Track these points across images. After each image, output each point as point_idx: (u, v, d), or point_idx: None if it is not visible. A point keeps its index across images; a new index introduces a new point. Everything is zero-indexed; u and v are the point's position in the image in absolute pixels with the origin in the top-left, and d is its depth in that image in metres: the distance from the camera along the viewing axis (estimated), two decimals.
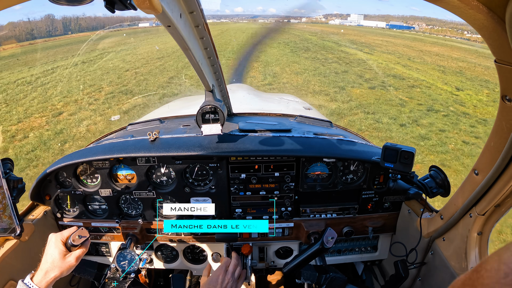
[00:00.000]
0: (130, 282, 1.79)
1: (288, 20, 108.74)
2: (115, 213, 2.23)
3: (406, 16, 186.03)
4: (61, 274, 1.48)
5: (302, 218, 2.26)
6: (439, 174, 1.90)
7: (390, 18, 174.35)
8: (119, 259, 1.84)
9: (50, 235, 1.57)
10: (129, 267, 1.81)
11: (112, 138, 2.32)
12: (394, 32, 72.00)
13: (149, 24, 77.15)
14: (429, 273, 1.98)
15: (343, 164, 2.12)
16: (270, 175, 2.12)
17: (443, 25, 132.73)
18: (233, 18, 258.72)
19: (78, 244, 1.54)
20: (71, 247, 1.54)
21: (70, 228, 1.59)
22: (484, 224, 1.60)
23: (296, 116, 2.75)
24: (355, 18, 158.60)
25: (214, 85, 1.95)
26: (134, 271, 1.81)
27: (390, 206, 2.28)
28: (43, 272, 1.44)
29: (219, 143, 2.04)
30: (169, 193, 2.16)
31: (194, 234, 2.29)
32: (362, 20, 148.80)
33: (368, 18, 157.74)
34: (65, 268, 1.49)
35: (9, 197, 1.64)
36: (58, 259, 1.48)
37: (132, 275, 1.80)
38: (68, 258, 1.51)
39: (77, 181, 2.15)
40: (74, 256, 1.52)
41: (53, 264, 1.47)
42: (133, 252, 1.87)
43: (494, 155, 1.41)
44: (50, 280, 1.43)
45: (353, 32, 59.60)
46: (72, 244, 1.53)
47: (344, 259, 2.48)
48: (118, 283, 1.77)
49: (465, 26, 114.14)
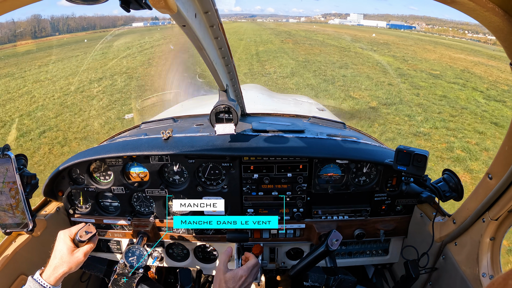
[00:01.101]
0: (139, 278, 1.80)
1: (286, 19, 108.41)
2: (127, 211, 2.24)
3: (405, 16, 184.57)
4: (70, 270, 1.49)
5: (313, 220, 2.26)
6: (452, 177, 1.89)
7: (389, 18, 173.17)
8: (128, 255, 1.85)
9: (59, 232, 1.58)
10: (138, 263, 1.82)
11: (126, 136, 2.34)
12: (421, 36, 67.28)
13: (143, 24, 76.29)
14: (440, 278, 1.97)
15: (356, 166, 2.12)
16: (282, 176, 2.12)
17: (443, 25, 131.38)
18: (232, 17, 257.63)
19: (85, 239, 1.55)
20: (79, 243, 1.56)
21: (79, 224, 1.61)
22: (497, 229, 1.58)
23: (309, 117, 2.75)
24: (354, 17, 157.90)
25: (228, 85, 1.96)
26: (142, 267, 1.82)
27: (402, 209, 2.26)
28: (52, 268, 1.46)
29: (232, 143, 2.04)
30: (181, 192, 2.16)
31: (204, 231, 2.29)
32: (362, 19, 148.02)
33: (368, 18, 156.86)
34: (73, 264, 1.50)
35: (22, 192, 1.67)
36: (66, 254, 1.50)
37: (140, 271, 1.81)
38: (76, 254, 1.52)
39: (90, 178, 2.16)
40: (82, 252, 1.54)
41: (62, 260, 1.48)
42: (142, 248, 1.88)
43: (508, 159, 1.40)
44: (59, 275, 1.45)
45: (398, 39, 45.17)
46: (79, 240, 1.54)
47: (355, 262, 2.47)
48: (127, 279, 1.79)
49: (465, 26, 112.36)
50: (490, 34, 1.09)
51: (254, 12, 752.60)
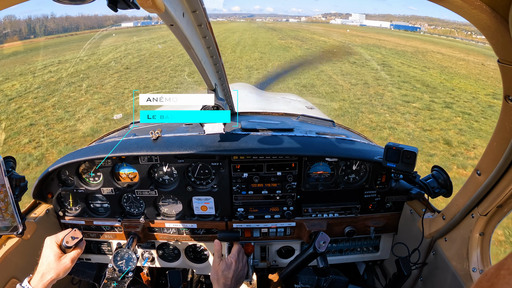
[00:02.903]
0: (129, 282, 1.78)
1: (286, 19, 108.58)
2: (117, 212, 2.24)
3: (407, 16, 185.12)
4: (58, 276, 1.49)
5: (304, 218, 2.26)
6: (441, 174, 1.90)
7: (390, 18, 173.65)
8: (116, 259, 1.83)
9: (46, 238, 1.58)
10: (127, 267, 1.80)
11: (115, 137, 2.32)
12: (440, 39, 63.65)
13: (133, 24, 74.64)
14: (431, 274, 1.98)
15: (345, 164, 2.12)
16: (272, 174, 2.12)
17: (445, 25, 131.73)
18: (230, 17, 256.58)
19: (71, 245, 1.54)
20: (65, 249, 1.55)
21: (65, 230, 1.60)
22: (486, 224, 1.60)
23: (298, 115, 2.76)
24: (356, 17, 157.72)
25: (216, 84, 1.95)
26: (132, 271, 1.80)
27: (392, 206, 2.28)
28: (40, 274, 1.46)
29: (221, 142, 2.04)
30: (171, 192, 2.16)
31: (195, 230, 2.29)
32: (364, 20, 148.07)
33: (369, 18, 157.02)
34: (61, 270, 1.50)
35: (11, 195, 1.64)
36: (53, 261, 1.50)
37: (130, 275, 1.78)
38: (63, 260, 1.52)
39: (79, 179, 2.15)
40: (69, 258, 1.54)
41: (49, 267, 1.49)
42: (130, 252, 1.86)
43: (496, 155, 1.41)
44: (47, 282, 1.45)
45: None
46: (66, 246, 1.53)
47: (346, 259, 2.48)
48: (117, 283, 1.77)
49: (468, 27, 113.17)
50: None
51: (253, 12, 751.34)
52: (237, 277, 1.84)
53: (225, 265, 1.84)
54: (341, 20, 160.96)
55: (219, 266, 1.84)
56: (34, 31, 75.97)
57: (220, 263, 1.86)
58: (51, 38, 58.16)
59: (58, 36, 64.13)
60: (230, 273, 1.80)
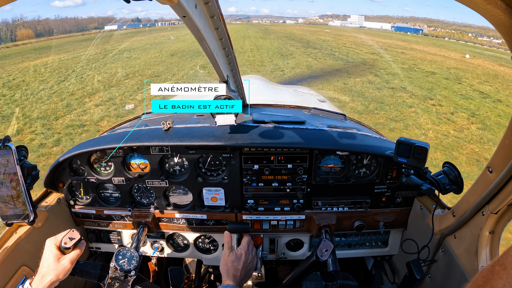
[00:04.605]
0: (133, 280, 1.76)
1: (283, 21, 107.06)
2: (127, 201, 2.25)
3: (405, 17, 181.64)
4: (57, 278, 1.48)
5: (313, 211, 2.26)
6: (452, 170, 1.88)
7: (389, 19, 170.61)
8: (118, 258, 1.79)
9: (46, 240, 1.56)
10: (129, 266, 1.78)
11: (126, 127, 2.33)
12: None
13: (118, 27, 72.41)
14: (439, 271, 1.98)
15: (356, 158, 2.12)
16: (283, 167, 2.11)
17: (445, 27, 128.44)
18: (227, 18, 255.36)
19: (70, 246, 1.52)
20: (65, 250, 1.54)
21: (64, 231, 1.58)
22: (496, 223, 1.58)
23: (310, 108, 2.75)
24: (355, 19, 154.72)
25: (228, 76, 1.94)
26: (134, 269, 1.77)
27: (402, 201, 2.27)
28: (40, 276, 1.46)
29: (232, 134, 2.03)
30: (182, 183, 2.17)
31: (205, 222, 2.30)
32: (363, 21, 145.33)
33: (368, 19, 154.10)
34: (60, 272, 1.49)
35: (23, 183, 1.66)
36: (52, 262, 1.49)
37: (132, 273, 1.76)
38: (62, 262, 1.51)
39: (91, 169, 2.16)
40: (68, 259, 1.52)
41: (48, 268, 1.48)
42: (132, 250, 1.84)
43: (509, 153, 1.39)
44: (47, 284, 1.45)
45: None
46: (64, 247, 1.52)
47: (354, 253, 2.49)
48: (121, 282, 1.75)
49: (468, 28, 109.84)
50: (495, 38, 1.07)
51: (249, 13, 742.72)
52: (247, 268, 1.85)
53: (235, 256, 1.86)
54: (340, 22, 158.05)
55: (229, 258, 1.86)
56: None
57: (230, 254, 1.88)
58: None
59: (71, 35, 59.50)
60: (240, 265, 1.82)
